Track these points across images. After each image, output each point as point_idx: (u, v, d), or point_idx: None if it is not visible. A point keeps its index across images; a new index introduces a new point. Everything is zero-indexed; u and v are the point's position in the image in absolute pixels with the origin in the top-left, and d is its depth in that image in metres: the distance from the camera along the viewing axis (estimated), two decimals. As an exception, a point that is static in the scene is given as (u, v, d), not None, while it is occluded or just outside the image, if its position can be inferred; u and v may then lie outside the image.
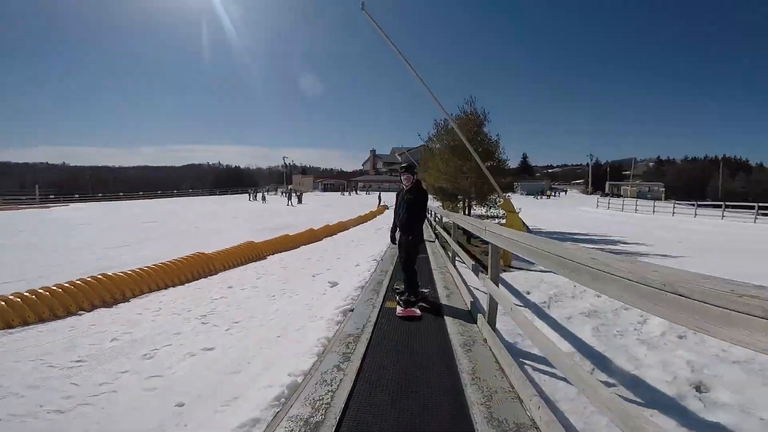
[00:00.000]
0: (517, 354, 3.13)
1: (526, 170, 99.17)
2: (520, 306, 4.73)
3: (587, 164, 77.68)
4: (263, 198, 44.27)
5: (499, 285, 3.62)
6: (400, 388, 2.53)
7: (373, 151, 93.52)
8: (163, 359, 3.45)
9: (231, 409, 2.40)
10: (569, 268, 1.75)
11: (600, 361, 3.14)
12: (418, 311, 4.29)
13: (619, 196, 55.98)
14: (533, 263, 8.19)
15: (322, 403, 2.33)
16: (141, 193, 49.77)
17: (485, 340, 3.34)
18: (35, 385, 2.85)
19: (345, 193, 66.88)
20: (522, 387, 2.41)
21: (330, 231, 15.77)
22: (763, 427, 2.28)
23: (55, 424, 2.34)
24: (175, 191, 57.78)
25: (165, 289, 6.27)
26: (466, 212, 14.22)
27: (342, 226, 17.82)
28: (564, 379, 2.63)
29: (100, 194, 46.59)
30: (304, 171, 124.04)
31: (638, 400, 2.56)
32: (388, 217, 24.53)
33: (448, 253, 7.42)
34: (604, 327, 4.01)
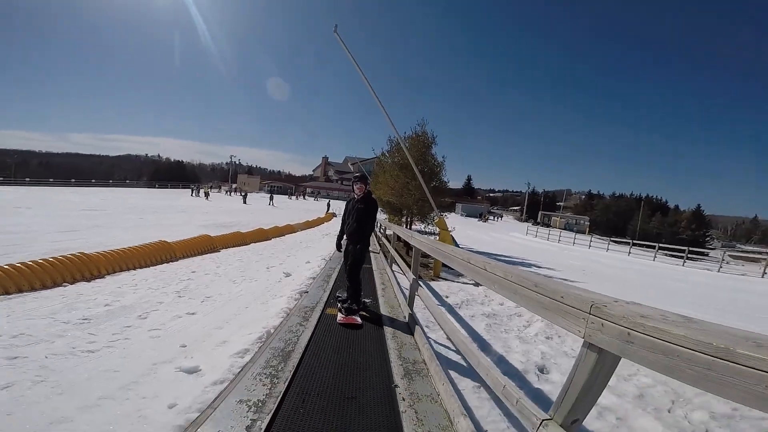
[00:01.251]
0: (428, 337, 4.47)
1: (469, 192, 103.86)
2: (438, 305, 6.14)
3: (525, 192, 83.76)
4: (206, 195, 43.37)
5: (419, 279, 4.97)
6: (344, 342, 3.76)
7: (325, 158, 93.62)
8: (156, 318, 4.36)
9: (224, 347, 3.45)
10: (471, 270, 2.43)
11: (484, 345, 4.54)
12: (359, 319, 4.41)
13: (548, 225, 60.98)
14: (459, 276, 9.75)
15: (291, 341, 3.52)
16: (73, 180, 46.58)
17: (407, 321, 4.47)
18: (59, 335, 3.64)
19: (292, 197, 66.72)
20: (425, 351, 3.74)
21: (279, 232, 16.62)
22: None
23: (92, 358, 3.21)
24: (110, 181, 54.56)
25: (134, 269, 6.99)
26: (408, 226, 15.77)
27: (290, 229, 18.68)
28: (458, 352, 3.95)
29: (27, 179, 43.07)
30: (251, 171, 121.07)
31: (499, 369, 4.00)
32: (335, 225, 25.54)
33: (387, 259, 8.73)
34: (496, 325, 5.43)
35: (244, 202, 39.25)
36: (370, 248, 10.19)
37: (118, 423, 2.25)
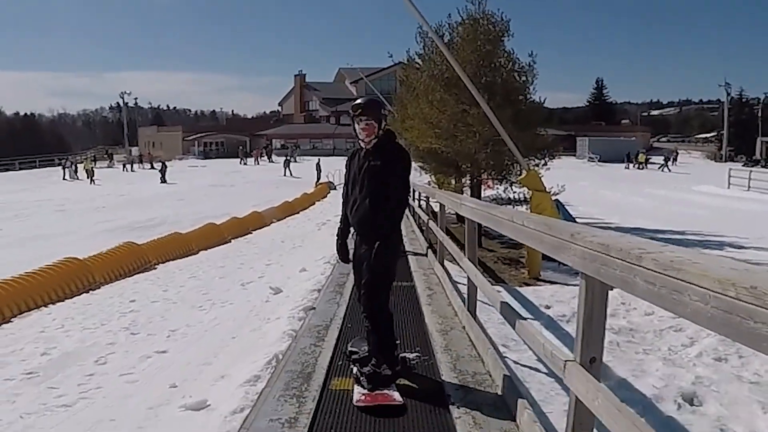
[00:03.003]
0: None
1: (602, 112, 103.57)
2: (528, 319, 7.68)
3: (723, 102, 79.24)
4: (89, 174, 45.91)
5: (501, 283, 6.55)
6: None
7: (300, 77, 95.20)
8: (119, 362, 6.40)
9: (226, 381, 5.06)
10: (551, 245, 3.22)
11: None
12: (397, 396, 4.49)
13: None
14: (572, 275, 11.14)
15: (309, 362, 5.33)
16: None
17: (501, 394, 4.74)
18: (13, 394, 5.61)
19: (247, 161, 69.50)
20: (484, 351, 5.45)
21: (241, 227, 18.90)
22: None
23: (74, 412, 4.95)
24: None
25: (45, 306, 9.24)
26: (475, 193, 17.18)
27: (258, 220, 20.77)
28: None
29: None
30: (160, 118, 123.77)
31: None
32: (335, 204, 26.89)
33: (442, 260, 9.87)
34: (630, 344, 6.78)
35: (163, 181, 42.21)
36: (406, 247, 11.77)
37: None
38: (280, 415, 4.25)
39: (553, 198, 13.27)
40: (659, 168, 62.01)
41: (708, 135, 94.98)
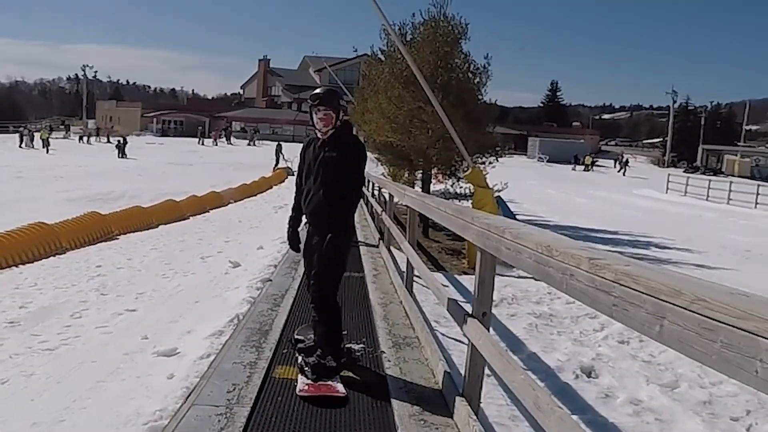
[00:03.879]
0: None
1: (554, 113, 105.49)
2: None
3: (670, 108, 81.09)
4: (45, 143, 45.91)
5: (441, 270, 7.40)
6: None
7: (264, 62, 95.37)
8: (94, 317, 7.32)
9: (192, 335, 5.85)
10: (459, 226, 4.46)
11: (515, 346, 7.10)
12: (340, 387, 4.55)
13: (718, 171, 60.30)
14: (510, 268, 12.05)
15: (266, 323, 6.11)
16: None
17: (440, 389, 4.79)
18: None
19: (206, 141, 68.97)
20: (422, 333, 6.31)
21: (200, 205, 19.55)
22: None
23: (58, 355, 5.87)
24: None
25: (16, 266, 9.95)
26: (425, 187, 18.08)
27: (216, 199, 21.44)
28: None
29: None
30: (119, 92, 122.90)
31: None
32: (291, 190, 27.35)
33: (391, 253, 10.51)
34: (547, 326, 7.71)
35: (121, 156, 42.27)
36: (358, 237, 12.42)
37: (131, 394, 4.74)
38: (242, 359, 5.03)
39: (495, 195, 14.13)
40: (619, 171, 64.88)
41: (654, 141, 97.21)
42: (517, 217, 16.15)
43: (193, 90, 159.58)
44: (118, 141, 47.19)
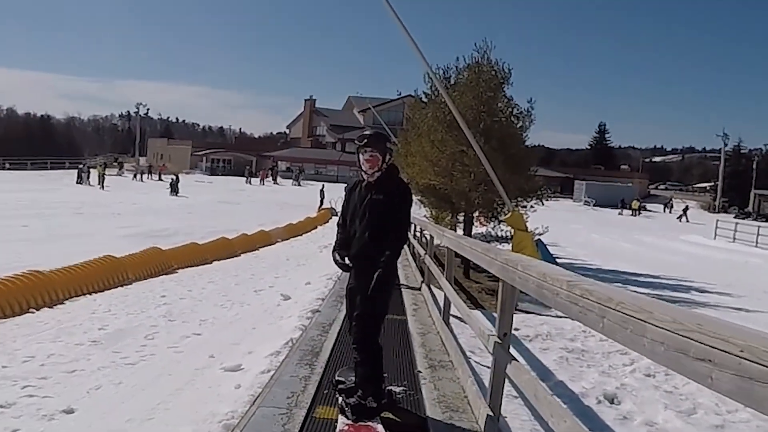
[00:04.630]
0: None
1: (603, 156, 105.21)
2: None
3: (721, 151, 79.61)
4: (100, 180, 47.73)
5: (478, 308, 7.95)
6: None
7: (310, 101, 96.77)
8: (165, 339, 8.21)
9: (253, 355, 6.79)
10: (486, 262, 5.45)
11: (545, 376, 7.82)
12: (380, 428, 4.62)
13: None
14: (548, 308, 12.58)
15: (316, 346, 6.99)
16: None
17: (439, 335, 7.20)
18: (86, 355, 7.26)
19: (253, 180, 70.87)
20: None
21: (250, 243, 20.67)
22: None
23: (138, 369, 6.86)
24: None
25: (89, 294, 11.06)
26: (467, 230, 18.64)
27: (265, 238, 22.53)
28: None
29: None
30: (169, 130, 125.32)
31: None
32: (334, 230, 28.13)
33: (435, 296, 10.36)
34: (577, 360, 8.39)
35: (173, 193, 43.99)
36: (401, 282, 12.59)
37: (206, 399, 5.61)
38: (297, 374, 5.87)
39: (535, 238, 14.75)
40: (678, 218, 62.99)
41: (705, 185, 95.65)
42: (558, 260, 16.65)
43: (240, 128, 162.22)
44: (172, 179, 48.86)
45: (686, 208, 65.28)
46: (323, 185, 50.14)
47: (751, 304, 16.52)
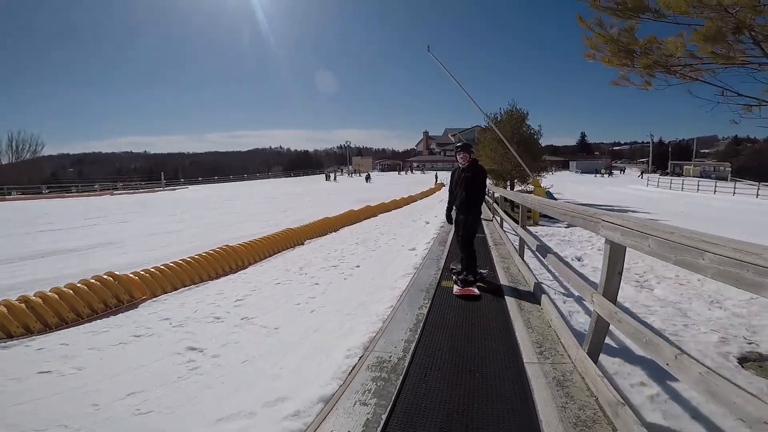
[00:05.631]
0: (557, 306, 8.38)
1: (584, 148, 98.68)
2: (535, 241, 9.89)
3: (649, 143, 75.96)
4: (334, 178, 51.07)
5: (527, 230, 6.56)
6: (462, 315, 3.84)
7: (426, 133, 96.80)
8: (375, 256, 9.32)
9: (422, 241, 8.02)
10: (552, 211, 3.89)
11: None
12: (476, 290, 4.41)
13: (680, 175, 55.50)
14: (554, 221, 13.02)
15: (443, 243, 7.95)
16: (231, 177, 58.89)
17: (533, 291, 4.41)
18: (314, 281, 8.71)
19: (402, 172, 71.93)
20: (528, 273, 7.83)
21: (407, 201, 21.76)
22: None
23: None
24: (258, 174, 67.06)
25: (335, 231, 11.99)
26: (511, 188, 19.16)
27: (412, 199, 23.68)
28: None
29: (200, 177, 56.01)
30: (360, 152, 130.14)
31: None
32: (446, 192, 29.36)
33: (496, 218, 10.20)
34: (565, 243, 8.97)
35: (367, 181, 45.68)
36: (482, 216, 12.37)
37: (407, 259, 6.84)
38: (436, 252, 6.76)
39: (546, 190, 14.92)
40: (615, 174, 60.81)
41: (643, 160, 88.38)
42: (558, 199, 16.73)
43: (392, 148, 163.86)
44: (367, 174, 51.14)
45: (642, 172, 61.23)
46: (436, 172, 51.06)
47: (662, 218, 15.71)
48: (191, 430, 2.42)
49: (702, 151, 78.37)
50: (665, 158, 69.10)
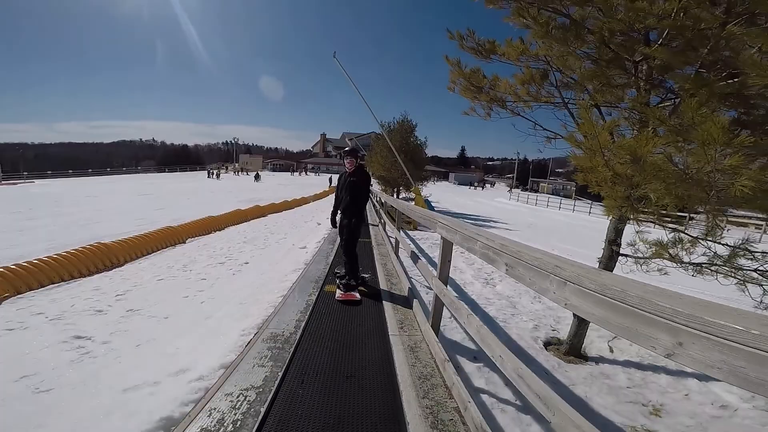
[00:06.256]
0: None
1: (462, 162, 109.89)
2: (409, 242, 10.66)
3: (515, 160, 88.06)
4: (217, 176, 48.08)
5: (401, 232, 6.98)
6: (342, 319, 4.46)
7: (323, 135, 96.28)
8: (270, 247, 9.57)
9: (313, 241, 8.55)
10: (426, 222, 3.69)
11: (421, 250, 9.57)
12: (357, 295, 4.43)
13: (536, 191, 64.74)
14: (429, 228, 14.53)
15: (330, 248, 8.61)
16: (90, 171, 51.22)
17: (407, 295, 4.60)
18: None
19: (295, 173, 70.71)
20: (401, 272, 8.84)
21: (299, 203, 21.82)
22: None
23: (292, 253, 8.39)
24: (124, 168, 59.32)
25: (238, 224, 12.12)
26: (397, 195, 20.71)
27: (305, 201, 23.82)
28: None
29: (49, 171, 47.54)
30: (249, 150, 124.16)
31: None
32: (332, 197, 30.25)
33: (385, 229, 9.99)
34: (435, 246, 10.42)
35: (256, 180, 43.97)
36: (369, 221, 11.93)
37: (296, 256, 7.27)
38: (326, 250, 7.24)
39: (425, 199, 16.54)
40: (486, 187, 68.35)
41: (510, 176, 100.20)
42: (435, 209, 18.53)
43: (286, 148, 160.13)
44: (256, 173, 49.08)
45: (511, 188, 69.18)
46: (330, 176, 51.34)
47: (516, 227, 18.60)
48: (101, 400, 2.58)
49: (557, 170, 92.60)
50: (527, 175, 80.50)
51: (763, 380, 0.85)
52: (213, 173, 50.18)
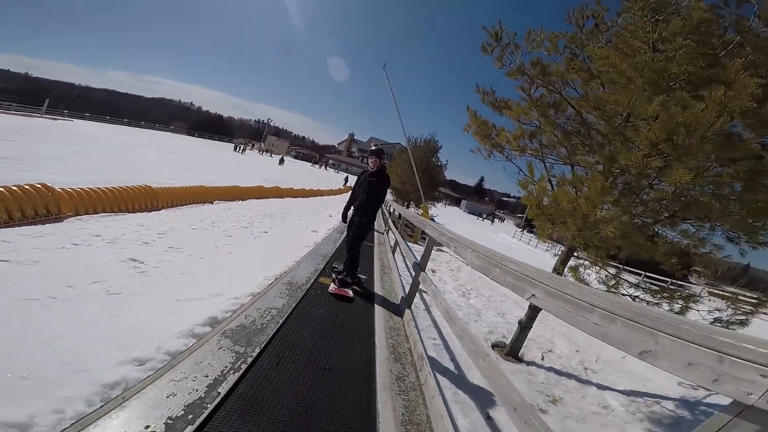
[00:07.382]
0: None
1: (479, 192, 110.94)
2: (408, 250, 12.02)
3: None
4: (243, 150, 49.49)
5: (406, 242, 9.09)
6: (332, 312, 4.61)
7: (351, 134, 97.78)
8: (288, 222, 10.63)
9: (324, 227, 9.55)
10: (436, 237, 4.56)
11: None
12: (350, 292, 4.43)
13: None
14: (441, 245, 15.41)
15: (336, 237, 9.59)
16: (126, 120, 52.57)
17: (399, 304, 4.58)
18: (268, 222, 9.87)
19: (315, 165, 72.02)
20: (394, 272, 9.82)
21: (314, 194, 22.69)
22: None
23: (302, 223, 9.42)
24: (157, 125, 60.32)
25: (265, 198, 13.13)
26: (406, 208, 21.70)
27: (320, 193, 24.80)
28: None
29: (88, 114, 48.72)
30: (278, 133, 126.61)
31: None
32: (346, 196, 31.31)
33: (392, 243, 10.04)
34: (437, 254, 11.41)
35: (280, 164, 45.20)
36: (376, 227, 12.10)
37: (308, 238, 8.08)
38: (327, 247, 8.10)
39: (432, 217, 17.49)
40: (496, 222, 68.94)
41: (521, 215, 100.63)
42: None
43: (312, 138, 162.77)
44: (281, 158, 50.28)
45: (501, 220, 70.30)
46: (347, 175, 51.00)
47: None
48: (158, 304, 3.24)
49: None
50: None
51: (577, 321, 1.49)
52: (240, 147, 51.46)
